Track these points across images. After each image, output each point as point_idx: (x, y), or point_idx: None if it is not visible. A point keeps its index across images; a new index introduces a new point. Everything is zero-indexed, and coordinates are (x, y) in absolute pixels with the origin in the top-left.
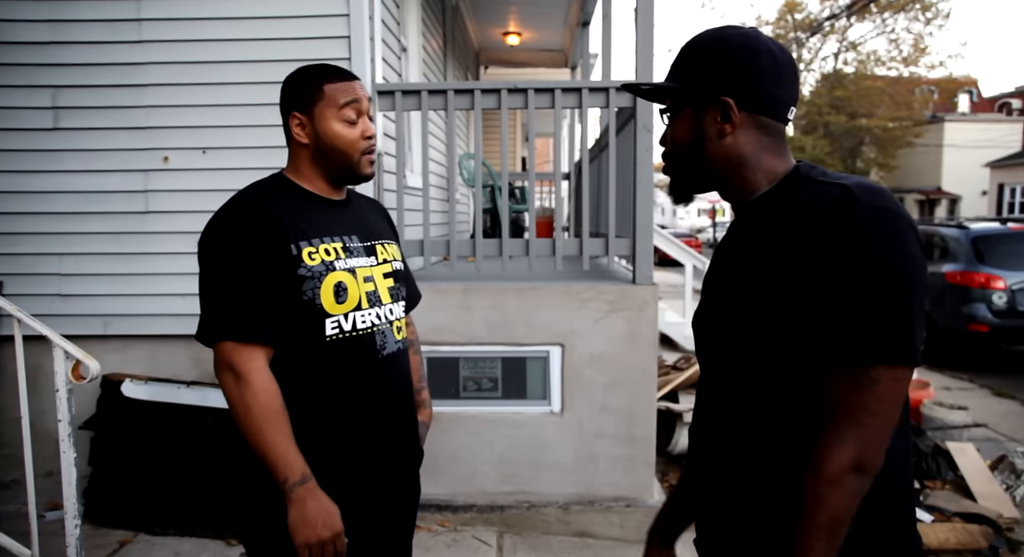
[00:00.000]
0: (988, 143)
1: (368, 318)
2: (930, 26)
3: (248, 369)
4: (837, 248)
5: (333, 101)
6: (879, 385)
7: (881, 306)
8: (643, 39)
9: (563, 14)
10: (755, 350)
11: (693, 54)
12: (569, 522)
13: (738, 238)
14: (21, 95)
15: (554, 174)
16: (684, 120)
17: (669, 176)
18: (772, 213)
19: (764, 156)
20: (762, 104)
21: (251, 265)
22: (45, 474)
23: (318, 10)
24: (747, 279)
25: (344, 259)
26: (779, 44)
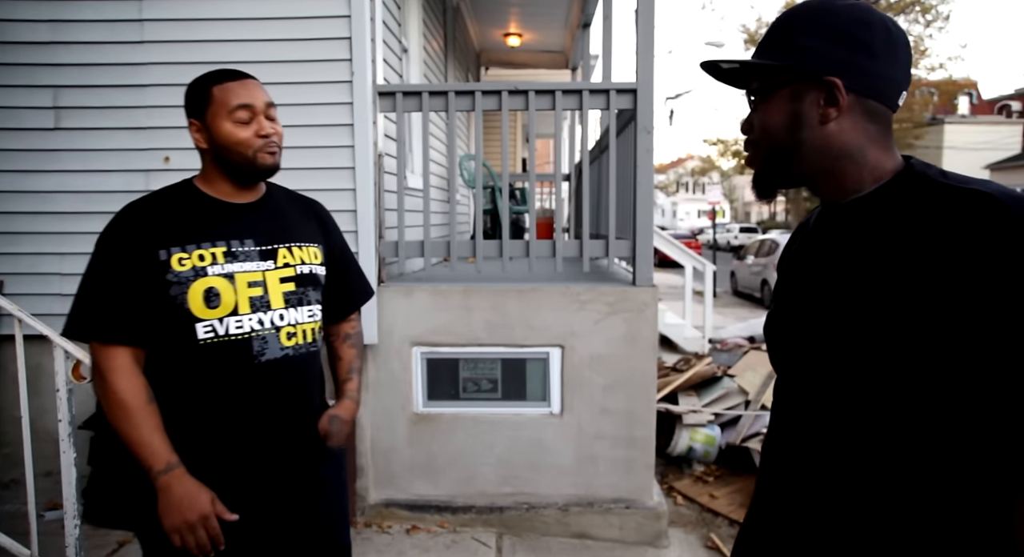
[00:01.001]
0: (988, 145)
1: (247, 324)
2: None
3: (108, 367)
4: (1005, 275)
5: (223, 104)
6: None
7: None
8: (643, 40)
9: (564, 15)
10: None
11: (794, 27)
12: (568, 523)
13: (837, 244)
14: (22, 95)
15: (554, 175)
16: (778, 103)
17: (753, 167)
18: (888, 220)
19: (870, 149)
20: (874, 86)
21: (117, 270)
22: (45, 474)
23: (319, 11)
24: (862, 296)
25: (222, 265)
26: (891, 18)
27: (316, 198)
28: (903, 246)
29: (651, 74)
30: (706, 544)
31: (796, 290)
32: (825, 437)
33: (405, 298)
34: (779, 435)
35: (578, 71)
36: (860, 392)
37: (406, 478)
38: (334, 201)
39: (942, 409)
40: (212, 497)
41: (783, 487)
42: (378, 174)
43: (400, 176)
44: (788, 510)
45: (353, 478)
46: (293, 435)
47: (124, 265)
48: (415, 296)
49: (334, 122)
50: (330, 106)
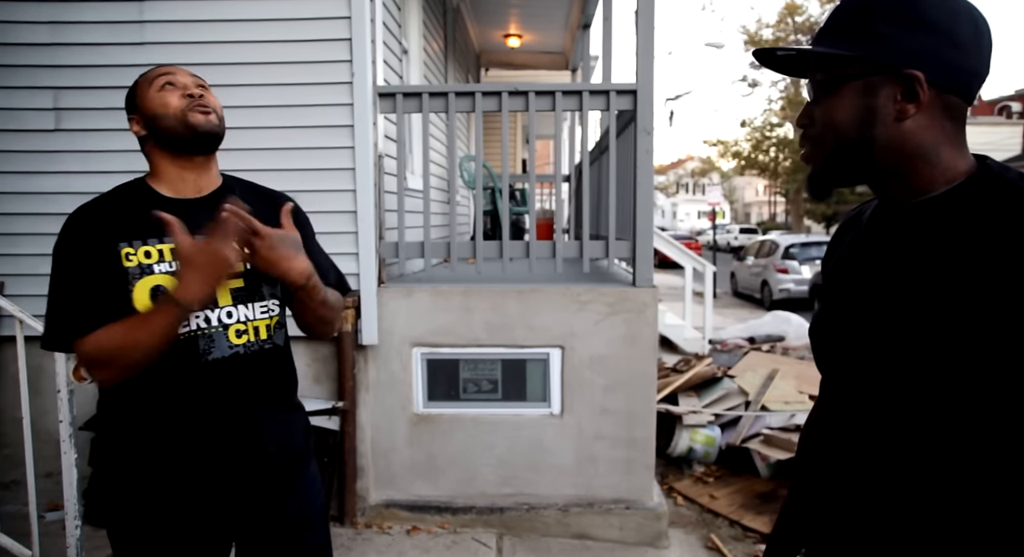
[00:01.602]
0: (988, 146)
1: (192, 321)
2: None
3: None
4: None
5: (147, 86)
6: None
7: None
8: (643, 42)
9: (564, 16)
10: (934, 387)
11: (870, 10)
12: (568, 524)
13: (901, 247)
14: (23, 96)
15: (555, 176)
16: (848, 96)
17: (811, 164)
18: (962, 224)
19: (945, 147)
20: (957, 79)
21: (80, 264)
22: (45, 475)
23: (320, 12)
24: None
25: (169, 262)
26: (975, 5)
27: (316, 199)
28: (976, 252)
29: (651, 75)
30: (706, 545)
31: (849, 292)
32: (875, 444)
33: (405, 299)
34: (827, 438)
35: (578, 72)
36: (915, 400)
37: (406, 479)
38: (334, 202)
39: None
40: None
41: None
42: (378, 175)
43: (400, 177)
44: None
45: (353, 479)
46: (247, 436)
47: (87, 259)
48: (415, 297)
49: (334, 123)
50: (330, 107)
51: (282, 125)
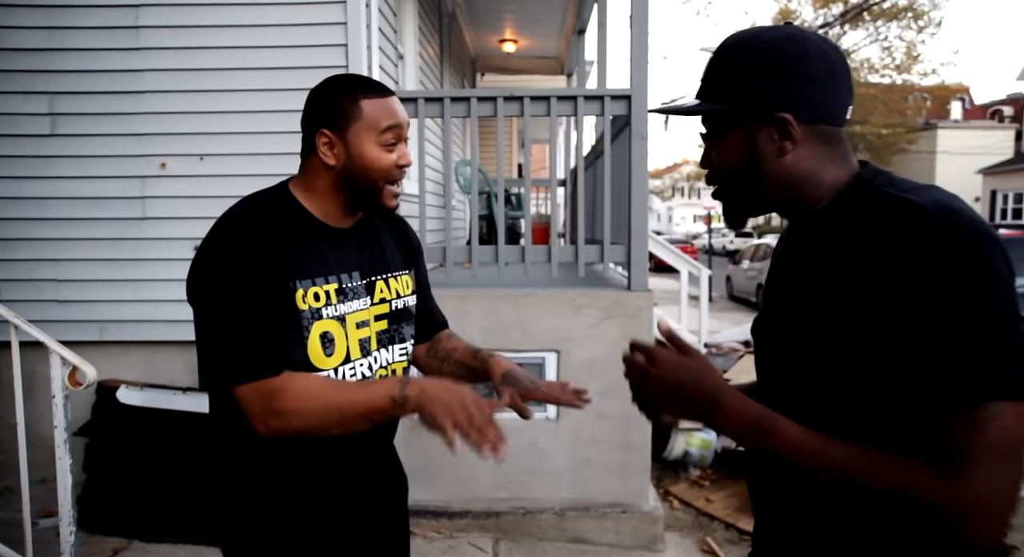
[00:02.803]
0: (980, 150)
1: (359, 370)
2: (922, 34)
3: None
4: (919, 279)
5: (373, 123)
6: (1002, 421)
7: (976, 338)
8: (638, 47)
9: (559, 22)
10: (827, 377)
11: (734, 66)
12: (565, 528)
13: (802, 253)
14: (18, 101)
15: (550, 181)
16: (734, 142)
17: (721, 201)
18: (837, 230)
19: (827, 168)
20: (822, 112)
21: (261, 294)
22: (39, 481)
23: (316, 18)
24: (818, 302)
25: (335, 305)
26: (826, 39)
27: None
28: (849, 251)
29: (645, 80)
30: (702, 548)
31: (773, 294)
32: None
33: None
34: None
35: (573, 77)
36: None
37: None
38: None
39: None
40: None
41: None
42: None
43: None
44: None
45: None
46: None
47: (265, 287)
48: None
49: None
50: None
51: (279, 130)
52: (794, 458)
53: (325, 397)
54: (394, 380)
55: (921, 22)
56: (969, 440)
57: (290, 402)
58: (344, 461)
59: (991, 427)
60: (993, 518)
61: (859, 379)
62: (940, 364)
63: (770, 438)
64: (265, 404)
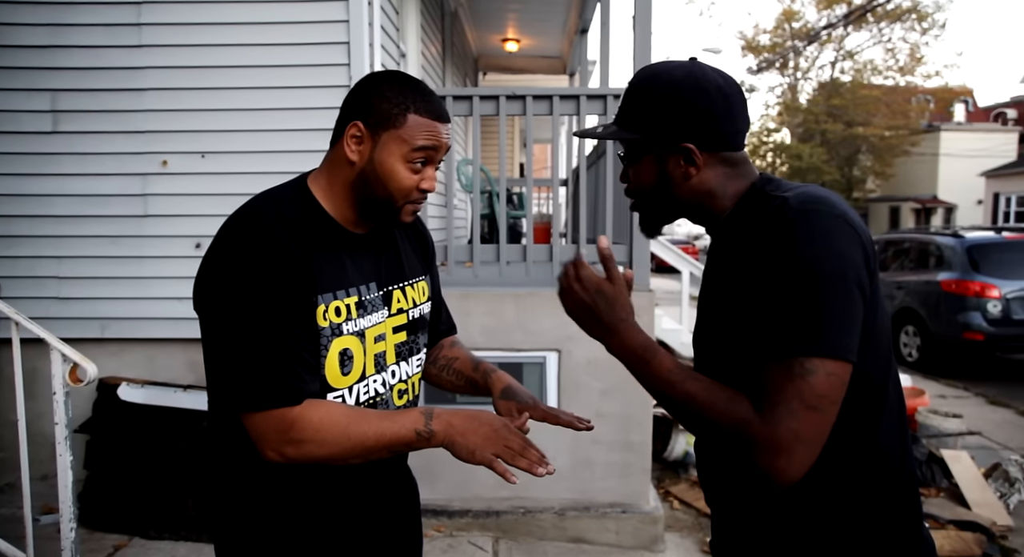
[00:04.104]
0: (984, 152)
1: (372, 387)
2: (926, 36)
3: (300, 428)
4: (770, 252)
5: (410, 137)
6: (812, 377)
7: (802, 301)
8: (641, 46)
9: (562, 21)
10: (735, 367)
11: (644, 100)
12: (565, 528)
13: (715, 258)
14: (20, 98)
15: (552, 180)
16: (647, 165)
17: (638, 213)
18: (734, 232)
19: (729, 183)
20: (722, 142)
21: (282, 312)
22: (40, 477)
23: (318, 16)
24: (725, 297)
25: (355, 319)
26: (721, 72)
27: None
28: (740, 246)
29: None
30: (702, 548)
31: (701, 303)
32: None
33: None
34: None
35: (576, 76)
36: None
37: None
38: None
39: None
40: (494, 415)
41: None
42: None
43: None
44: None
45: None
46: (390, 499)
47: (288, 300)
48: None
49: (331, 126)
50: (328, 110)
51: (280, 128)
52: (661, 388)
53: (348, 427)
54: (417, 412)
55: (925, 24)
56: (781, 387)
57: (310, 432)
58: (352, 469)
59: (800, 380)
60: (792, 456)
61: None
62: (767, 321)
63: (647, 366)
64: (281, 434)
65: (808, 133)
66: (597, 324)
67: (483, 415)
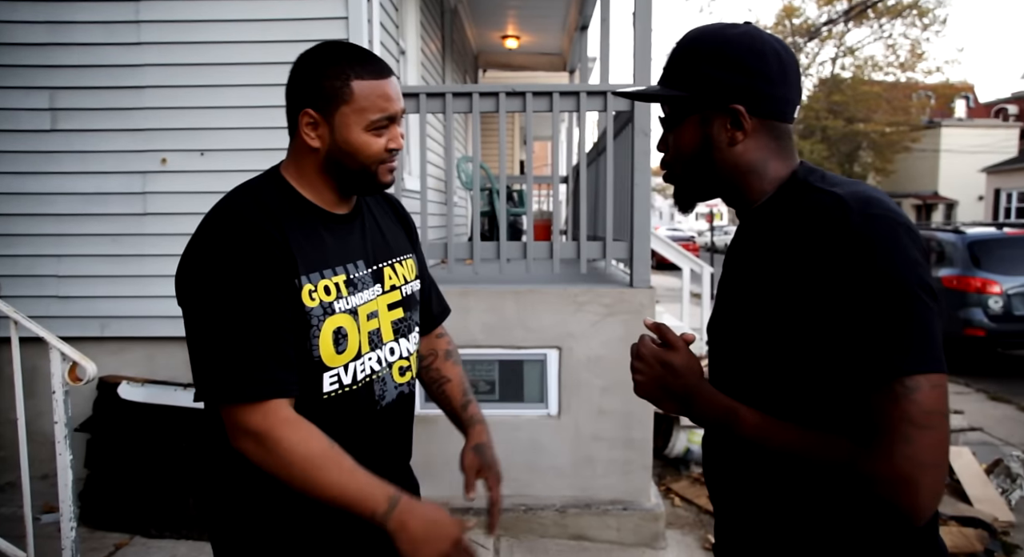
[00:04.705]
0: (985, 148)
1: (368, 364)
2: (927, 32)
3: (270, 426)
4: (837, 264)
5: (362, 107)
6: (918, 394)
7: (890, 318)
8: (641, 43)
9: (562, 18)
10: (769, 363)
11: (695, 57)
12: (566, 525)
13: (745, 246)
14: (19, 96)
15: (552, 177)
16: (689, 128)
17: (672, 184)
18: (773, 222)
19: (771, 162)
20: (773, 108)
21: (260, 300)
22: (41, 476)
23: (317, 13)
24: (757, 292)
25: (346, 297)
26: (780, 40)
27: None
28: (782, 242)
29: (648, 77)
30: (703, 545)
31: (723, 292)
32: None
33: None
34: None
35: (576, 73)
36: (765, 372)
37: None
38: None
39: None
40: (456, 520)
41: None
42: None
43: (397, 178)
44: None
45: None
46: (406, 487)
47: (267, 292)
48: None
49: None
50: None
51: (280, 126)
52: (752, 440)
53: (318, 470)
54: (384, 495)
55: (926, 20)
56: (888, 414)
57: (279, 450)
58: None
59: (907, 401)
60: (920, 485)
61: (794, 364)
62: (856, 345)
63: (735, 425)
64: (244, 429)
65: (809, 129)
66: (671, 397)
67: (442, 527)
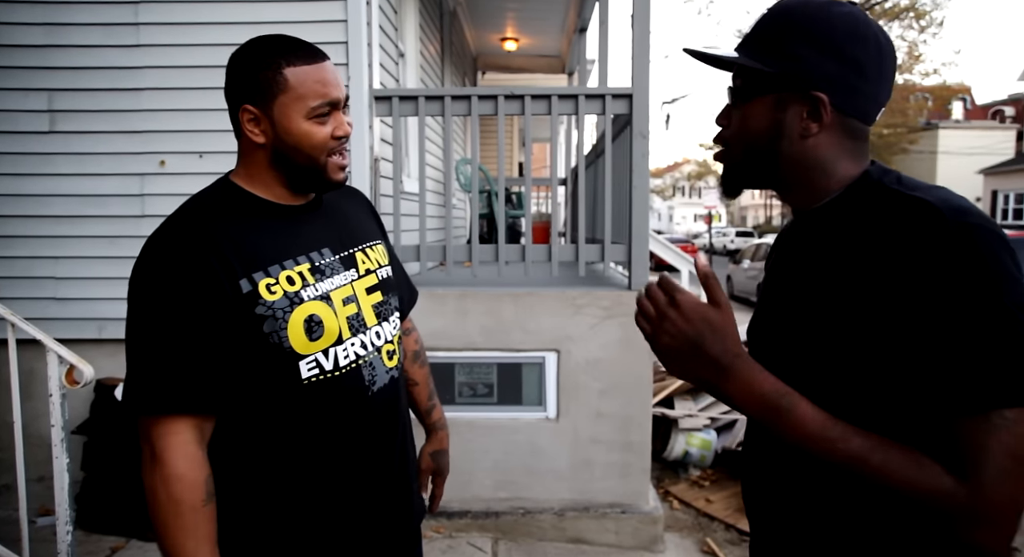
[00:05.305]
0: (982, 150)
1: (351, 350)
2: (924, 34)
3: (164, 446)
4: (927, 276)
5: (300, 94)
6: (1019, 428)
7: (989, 339)
8: (639, 45)
9: (560, 20)
10: (825, 374)
11: (788, 30)
12: (564, 528)
13: (802, 249)
14: (17, 98)
15: (551, 180)
16: (761, 108)
17: (723, 163)
18: (840, 225)
19: (842, 162)
20: (858, 104)
21: (179, 318)
22: (37, 479)
23: (316, 16)
24: (816, 300)
25: (313, 285)
26: (883, 30)
27: None
28: (856, 248)
29: (647, 79)
30: (702, 549)
31: (770, 293)
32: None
33: None
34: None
35: (575, 76)
36: (821, 383)
37: None
38: None
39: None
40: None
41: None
42: (374, 178)
43: (396, 180)
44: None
45: None
46: (406, 479)
47: (190, 307)
48: None
49: None
50: None
51: None
52: (806, 443)
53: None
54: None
55: (923, 22)
56: (986, 447)
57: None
58: (349, 471)
59: (1008, 433)
60: (1007, 526)
61: (861, 378)
62: (953, 368)
63: (785, 417)
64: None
65: None
66: (707, 364)
67: None
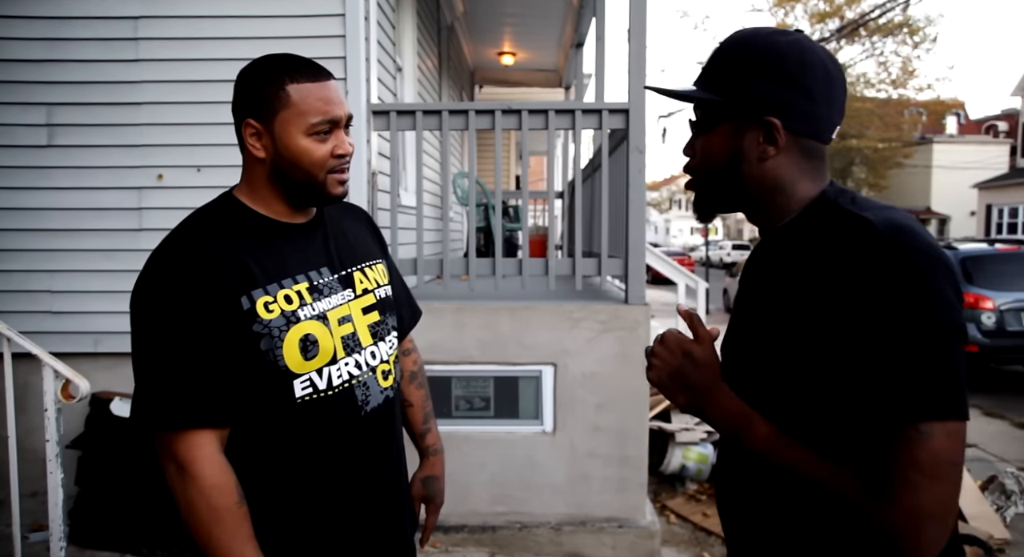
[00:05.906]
0: (976, 164)
1: (344, 370)
2: (918, 49)
3: (192, 459)
4: (862, 295)
5: (301, 110)
6: (931, 442)
7: (913, 359)
8: (636, 60)
9: (557, 35)
10: (781, 388)
11: (738, 62)
12: (561, 543)
13: (765, 267)
14: (15, 112)
15: (547, 193)
16: (720, 136)
17: (694, 191)
18: (796, 244)
19: (801, 182)
20: (811, 126)
21: (190, 332)
22: (30, 494)
23: (314, 31)
24: (774, 315)
25: (311, 304)
26: (829, 53)
27: None
28: (805, 266)
29: (643, 94)
30: None
31: (738, 312)
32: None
33: None
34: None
35: (571, 90)
36: (777, 396)
37: None
38: None
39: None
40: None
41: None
42: (371, 192)
43: (393, 194)
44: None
45: None
46: (400, 502)
47: (198, 323)
48: None
49: None
50: None
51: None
52: (759, 453)
53: (214, 515)
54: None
55: (917, 38)
56: (898, 460)
57: (194, 492)
58: (346, 484)
59: (920, 447)
60: (921, 537)
61: (811, 394)
62: (875, 383)
63: (745, 433)
64: (169, 454)
65: None
66: (686, 389)
67: None
